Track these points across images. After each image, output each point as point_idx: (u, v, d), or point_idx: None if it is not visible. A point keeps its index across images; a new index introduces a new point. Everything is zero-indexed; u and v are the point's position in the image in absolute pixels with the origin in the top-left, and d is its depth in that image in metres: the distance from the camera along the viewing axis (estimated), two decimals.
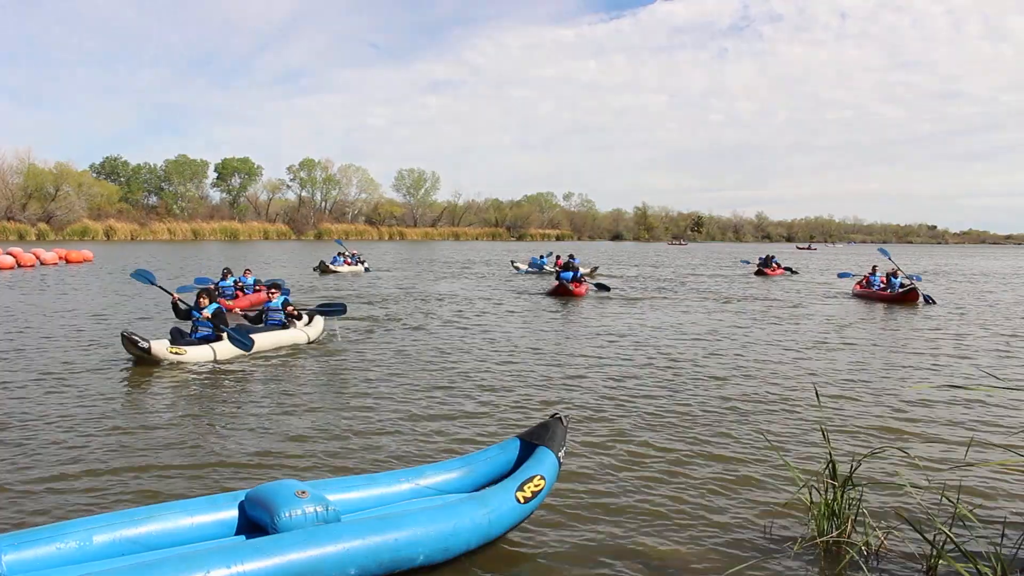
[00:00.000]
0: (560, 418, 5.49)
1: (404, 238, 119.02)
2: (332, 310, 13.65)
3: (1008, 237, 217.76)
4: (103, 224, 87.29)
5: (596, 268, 36.52)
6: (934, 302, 21.91)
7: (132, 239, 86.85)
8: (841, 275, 27.94)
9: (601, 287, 25.50)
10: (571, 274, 24.53)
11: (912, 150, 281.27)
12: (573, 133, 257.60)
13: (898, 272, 23.19)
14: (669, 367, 11.21)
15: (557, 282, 23.67)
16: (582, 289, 23.92)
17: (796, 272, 39.31)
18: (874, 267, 24.76)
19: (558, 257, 33.55)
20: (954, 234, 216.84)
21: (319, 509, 4.26)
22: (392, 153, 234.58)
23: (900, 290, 22.03)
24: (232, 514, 4.48)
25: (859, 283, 24.59)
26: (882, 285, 23.15)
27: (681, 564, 4.72)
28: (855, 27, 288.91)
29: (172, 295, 12.42)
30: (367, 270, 36.25)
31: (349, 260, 35.88)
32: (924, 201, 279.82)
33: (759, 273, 37.12)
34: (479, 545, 4.64)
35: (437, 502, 4.80)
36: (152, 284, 12.70)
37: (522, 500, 4.79)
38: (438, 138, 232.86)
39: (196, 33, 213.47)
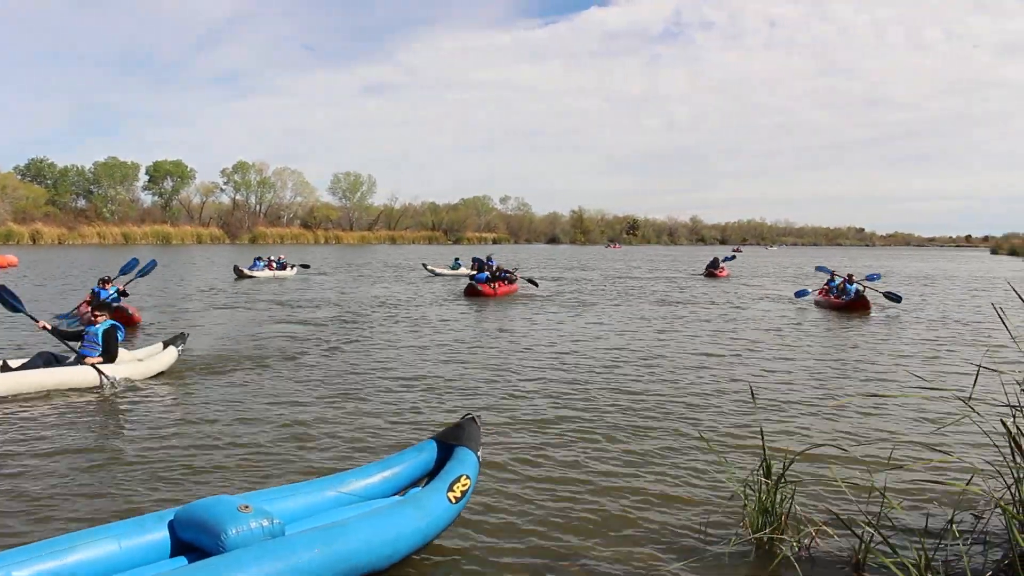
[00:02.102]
0: (474, 418, 5.56)
1: (340, 242, 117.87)
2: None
3: (931, 239, 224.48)
4: (29, 228, 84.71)
5: (516, 268, 37.17)
6: (898, 299, 21.85)
7: (60, 243, 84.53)
8: (799, 294, 25.10)
9: (531, 281, 26.91)
10: (484, 275, 25.11)
11: (842, 154, 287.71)
12: (510, 137, 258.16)
13: (852, 279, 22.37)
14: (601, 368, 11.33)
15: (471, 284, 24.46)
16: (498, 290, 24.73)
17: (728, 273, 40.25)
18: (833, 272, 24.13)
19: (473, 260, 35.24)
20: (881, 237, 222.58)
21: (265, 523, 4.09)
22: (330, 156, 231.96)
23: (851, 297, 21.26)
24: (162, 535, 4.24)
25: (821, 291, 23.76)
26: (839, 292, 22.34)
27: (614, 563, 4.77)
28: (784, 35, 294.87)
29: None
30: (299, 270, 36.04)
31: (273, 265, 35.52)
32: (853, 204, 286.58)
33: (708, 275, 38.28)
34: (418, 548, 4.66)
35: (365, 508, 4.77)
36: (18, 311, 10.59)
37: (453, 501, 4.85)
38: (376, 141, 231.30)
39: (128, 33, 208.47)
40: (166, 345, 10.93)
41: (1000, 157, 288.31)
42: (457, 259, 40.26)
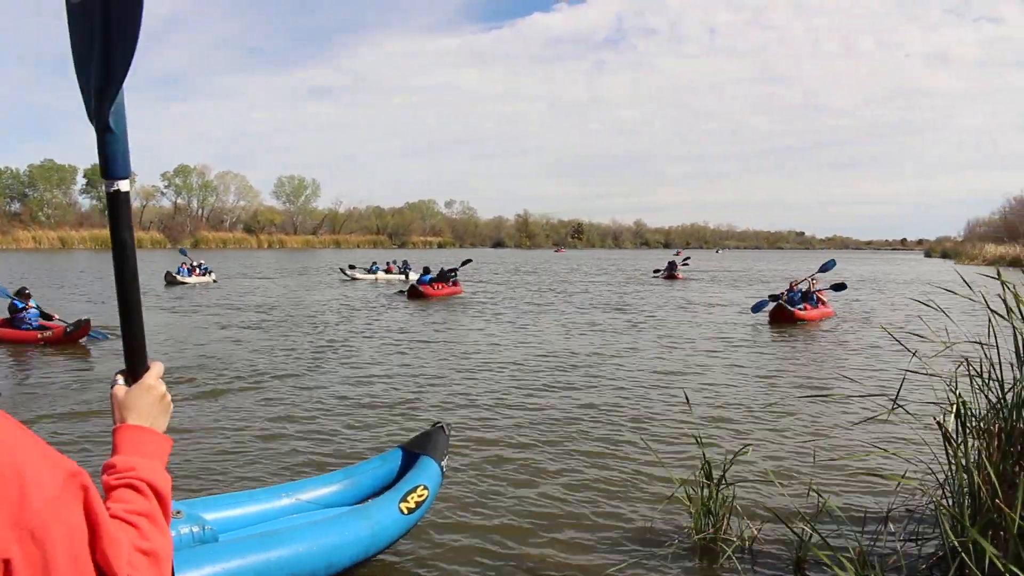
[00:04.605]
0: (442, 427, 5.46)
1: (284, 246, 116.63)
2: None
3: (868, 243, 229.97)
4: None
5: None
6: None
7: None
8: (758, 304, 20.37)
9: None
10: (428, 277, 25.53)
11: (782, 159, 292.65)
12: (456, 141, 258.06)
13: (794, 286, 20.50)
14: (550, 374, 11.42)
15: (414, 285, 24.98)
16: (440, 291, 25.38)
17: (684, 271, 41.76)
18: (806, 282, 21.00)
19: (390, 263, 39.58)
20: (820, 240, 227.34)
21: (195, 529, 4.02)
22: (274, 159, 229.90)
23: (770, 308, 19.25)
24: None
25: (783, 293, 20.69)
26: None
27: (561, 566, 4.83)
28: (725, 42, 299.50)
29: None
30: (215, 281, 34.69)
31: (197, 271, 35.00)
32: (793, 208, 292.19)
33: (669, 277, 39.84)
34: (364, 559, 4.54)
35: (319, 516, 4.69)
36: None
37: (405, 511, 4.72)
38: (321, 145, 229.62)
39: (65, 32, 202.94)
40: None
41: (930, 162, 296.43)
42: (375, 263, 40.95)
